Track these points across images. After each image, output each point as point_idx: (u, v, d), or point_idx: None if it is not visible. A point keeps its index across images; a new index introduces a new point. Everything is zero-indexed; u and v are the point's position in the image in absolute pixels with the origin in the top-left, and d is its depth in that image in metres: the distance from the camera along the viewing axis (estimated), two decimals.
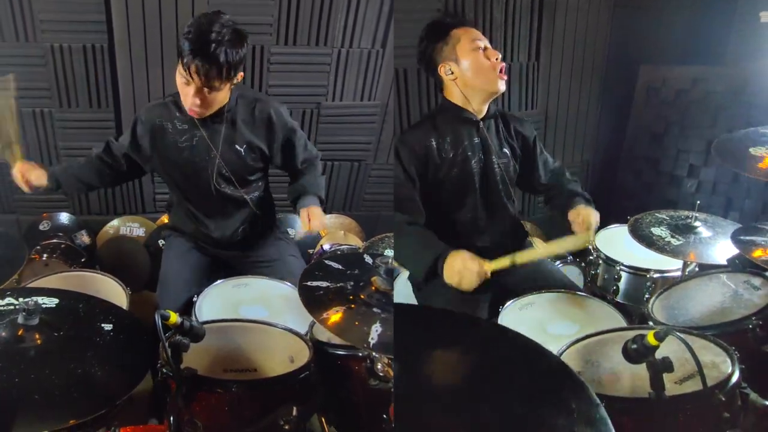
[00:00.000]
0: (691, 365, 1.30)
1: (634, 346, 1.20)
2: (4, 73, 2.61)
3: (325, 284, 1.38)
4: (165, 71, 2.73)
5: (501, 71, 1.88)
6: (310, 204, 2.02)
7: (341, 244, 2.92)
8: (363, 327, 1.22)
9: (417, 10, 2.62)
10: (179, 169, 2.03)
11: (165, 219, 3.06)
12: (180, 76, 1.81)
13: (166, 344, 1.21)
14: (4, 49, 2.57)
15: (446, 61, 1.91)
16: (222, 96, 1.88)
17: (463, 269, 1.66)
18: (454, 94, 1.95)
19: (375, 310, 1.31)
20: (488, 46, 1.92)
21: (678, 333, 1.20)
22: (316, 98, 2.97)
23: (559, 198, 2.08)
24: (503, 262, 1.71)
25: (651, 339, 1.17)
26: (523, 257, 1.73)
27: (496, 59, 1.88)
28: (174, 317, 1.24)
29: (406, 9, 2.67)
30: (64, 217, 3.01)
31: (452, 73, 1.90)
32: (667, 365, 1.17)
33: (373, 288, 1.36)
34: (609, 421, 0.92)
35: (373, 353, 1.35)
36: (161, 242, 2.84)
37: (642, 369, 1.21)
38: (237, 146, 2.00)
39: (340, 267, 1.48)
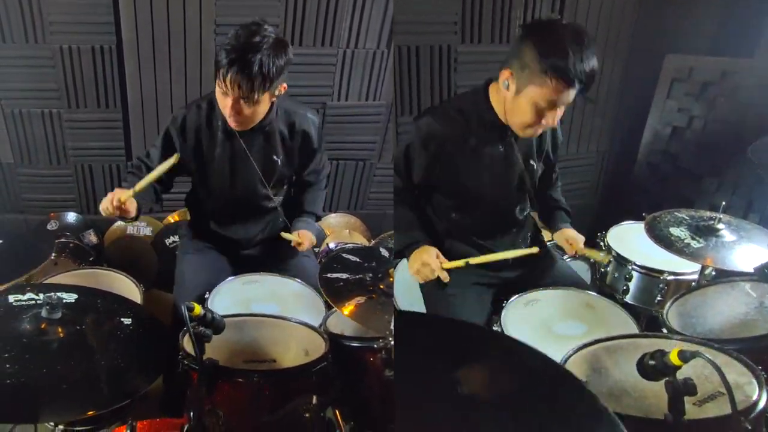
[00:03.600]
0: (713, 384, 1.21)
1: (653, 362, 1.08)
2: (13, 74, 2.67)
3: (344, 276, 1.41)
4: (172, 72, 2.76)
5: (538, 128, 1.71)
6: (302, 227, 2.10)
7: (346, 243, 2.95)
8: (384, 315, 1.25)
9: None
10: (213, 176, 2.01)
11: (172, 218, 3.09)
12: (218, 87, 1.77)
13: (192, 334, 1.24)
14: (13, 51, 2.59)
15: (513, 78, 1.65)
16: (262, 108, 1.83)
17: (421, 266, 1.68)
18: (495, 96, 1.76)
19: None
20: (558, 107, 1.64)
21: (707, 355, 1.06)
22: (321, 98, 3.00)
23: (546, 209, 2.11)
24: (458, 263, 1.73)
25: (674, 358, 1.04)
26: (476, 260, 1.76)
27: (546, 122, 1.66)
28: (198, 309, 1.27)
29: None
30: (72, 217, 3.03)
31: (507, 89, 1.68)
32: (689, 388, 1.05)
33: (391, 279, 1.39)
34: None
35: (391, 342, 1.38)
36: (168, 241, 2.87)
37: (655, 386, 1.10)
38: (275, 156, 2.00)
39: (358, 260, 1.51)
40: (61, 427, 1.62)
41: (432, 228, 1.94)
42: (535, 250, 1.83)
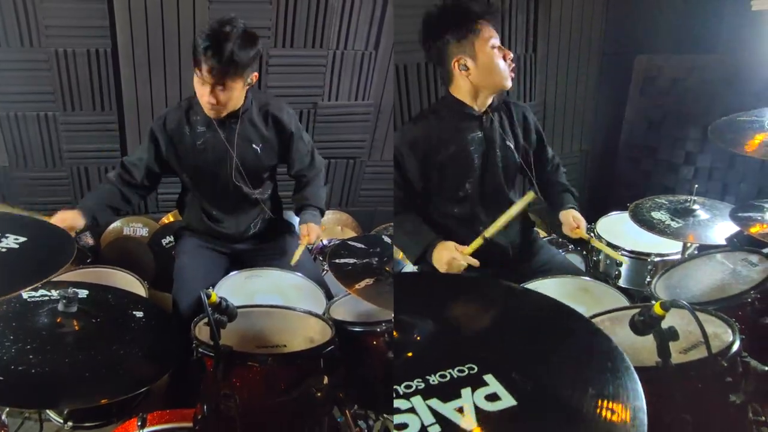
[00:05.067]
0: (695, 336, 1.38)
1: (641, 318, 1.24)
2: (8, 77, 2.69)
3: (352, 261, 1.50)
4: (167, 74, 2.81)
5: (512, 69, 1.91)
6: (309, 220, 2.17)
7: (339, 239, 3.03)
8: (391, 294, 1.33)
9: (418, 6, 2.67)
10: (198, 170, 2.11)
11: (168, 219, 3.13)
12: (196, 76, 1.91)
13: (212, 321, 1.31)
14: (9, 54, 2.62)
15: (462, 56, 1.88)
16: (236, 95, 1.96)
17: (451, 261, 1.77)
18: (461, 89, 1.94)
19: None
20: (500, 44, 1.89)
21: (683, 301, 1.24)
22: (312, 98, 3.08)
23: (552, 193, 2.18)
24: (477, 242, 1.79)
25: (657, 309, 1.21)
26: (489, 230, 1.79)
27: (510, 59, 1.89)
28: (214, 296, 1.34)
29: (406, 4, 2.68)
30: None
31: (467, 68, 1.88)
32: (672, 334, 1.21)
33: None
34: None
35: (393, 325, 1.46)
36: (164, 241, 2.92)
37: (647, 344, 1.25)
38: (254, 145, 2.10)
39: (363, 246, 1.59)
40: (70, 423, 1.68)
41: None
42: (531, 195, 1.85)
